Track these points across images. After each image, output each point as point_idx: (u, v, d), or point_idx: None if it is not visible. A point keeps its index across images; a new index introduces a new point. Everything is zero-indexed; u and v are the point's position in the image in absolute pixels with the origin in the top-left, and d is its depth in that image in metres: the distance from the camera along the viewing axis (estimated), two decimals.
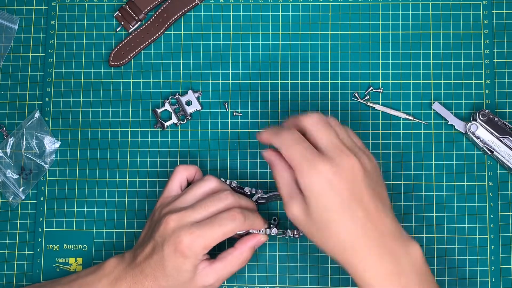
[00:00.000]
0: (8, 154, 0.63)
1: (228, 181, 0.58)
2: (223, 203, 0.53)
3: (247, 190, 0.58)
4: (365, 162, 0.48)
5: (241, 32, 0.64)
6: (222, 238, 0.52)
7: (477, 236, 0.59)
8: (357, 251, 0.47)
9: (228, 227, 0.52)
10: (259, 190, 0.58)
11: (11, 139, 0.63)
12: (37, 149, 0.63)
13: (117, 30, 0.65)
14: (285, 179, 0.49)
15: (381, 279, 0.46)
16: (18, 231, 0.62)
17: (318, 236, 0.48)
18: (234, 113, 0.63)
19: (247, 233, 0.55)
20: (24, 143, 0.63)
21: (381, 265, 0.46)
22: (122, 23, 0.65)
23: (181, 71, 0.64)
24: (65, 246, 0.62)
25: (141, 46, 0.64)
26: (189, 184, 0.58)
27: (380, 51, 0.63)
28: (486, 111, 0.59)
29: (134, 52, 0.64)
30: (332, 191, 0.46)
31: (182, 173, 0.57)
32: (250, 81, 0.63)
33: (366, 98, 0.62)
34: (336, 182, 0.46)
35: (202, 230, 0.51)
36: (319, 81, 0.63)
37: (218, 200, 0.53)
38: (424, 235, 0.60)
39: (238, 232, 0.53)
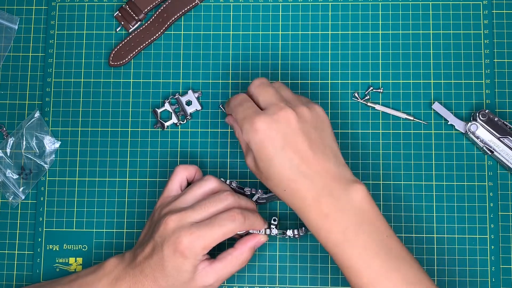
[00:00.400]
0: (8, 154, 0.63)
1: (228, 181, 0.58)
2: (223, 204, 0.53)
3: (247, 190, 0.58)
4: (302, 112, 0.51)
5: (241, 32, 0.64)
6: (222, 239, 0.52)
7: (477, 236, 0.59)
8: (297, 193, 0.50)
9: (228, 228, 0.52)
10: (259, 190, 0.58)
11: (11, 139, 0.63)
12: (37, 149, 0.63)
13: (117, 30, 0.65)
14: (241, 137, 0.54)
15: (321, 219, 0.49)
16: (18, 231, 0.62)
17: (268, 183, 0.52)
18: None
19: (247, 233, 0.55)
20: (24, 143, 0.63)
21: (319, 205, 0.49)
22: (122, 23, 0.65)
23: (181, 71, 0.64)
24: (65, 246, 0.62)
25: (141, 46, 0.64)
26: (189, 184, 0.58)
27: (380, 51, 0.63)
28: (486, 111, 0.59)
29: (134, 52, 0.64)
30: (268, 142, 0.50)
31: (182, 173, 0.57)
32: (250, 81, 0.63)
33: (366, 98, 0.62)
34: (271, 133, 0.50)
35: (202, 231, 0.51)
36: (319, 81, 0.63)
37: (218, 200, 0.53)
38: (424, 235, 0.60)
39: (238, 232, 0.53)
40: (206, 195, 0.55)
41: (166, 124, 0.62)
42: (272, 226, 0.57)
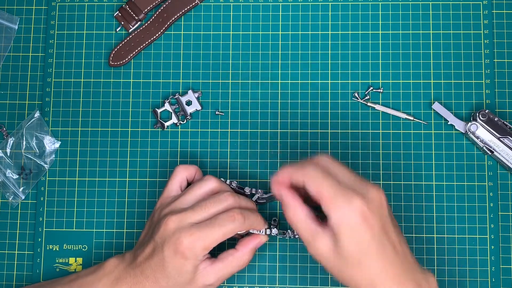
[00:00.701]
0: (8, 154, 0.63)
1: (228, 181, 0.58)
2: (223, 205, 0.53)
3: (247, 190, 0.58)
4: (383, 193, 0.47)
5: (241, 32, 0.64)
6: (222, 239, 0.52)
7: (477, 236, 0.59)
8: (385, 286, 0.46)
9: (228, 228, 0.52)
10: (259, 190, 0.58)
11: (11, 139, 0.63)
12: (37, 149, 0.63)
13: (117, 30, 0.65)
14: (301, 217, 0.48)
15: None
16: (18, 231, 0.62)
17: (347, 272, 0.46)
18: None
19: (248, 233, 0.55)
20: (24, 143, 0.63)
21: None
22: (122, 23, 0.65)
23: (181, 71, 0.64)
24: (65, 246, 0.62)
25: (141, 46, 0.64)
26: (189, 184, 0.58)
27: (380, 51, 0.63)
28: (486, 111, 0.59)
29: (134, 52, 0.64)
30: (366, 225, 0.45)
31: (182, 173, 0.57)
32: (250, 81, 0.63)
33: (366, 98, 0.62)
34: (368, 215, 0.45)
35: (202, 232, 0.51)
36: (319, 81, 0.63)
37: (218, 201, 0.53)
38: (424, 235, 0.60)
39: (239, 232, 0.53)
40: (206, 195, 0.55)
41: (166, 124, 0.62)
42: (272, 226, 0.57)
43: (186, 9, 0.64)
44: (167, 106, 0.62)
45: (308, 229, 0.47)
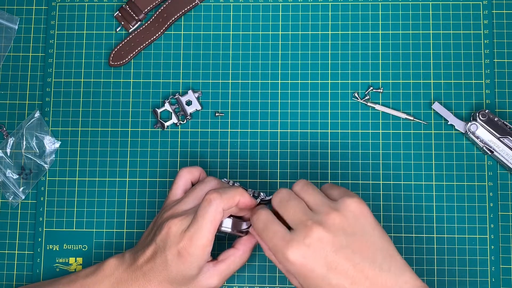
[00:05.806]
0: (8, 154, 0.63)
1: (230, 182, 0.57)
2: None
3: (249, 192, 0.58)
4: (333, 221, 0.46)
5: (241, 32, 0.64)
6: (214, 228, 0.50)
7: (477, 236, 0.59)
8: None
9: (210, 213, 0.50)
10: (262, 194, 0.58)
11: (11, 139, 0.63)
12: (37, 149, 0.63)
13: (117, 30, 0.65)
14: (273, 258, 0.51)
15: None
16: (18, 231, 0.62)
17: None
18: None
19: (248, 231, 0.55)
20: (24, 143, 0.63)
21: None
22: (122, 23, 0.65)
23: (181, 71, 0.64)
24: (65, 246, 0.62)
25: (141, 46, 0.64)
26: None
27: (380, 51, 0.63)
28: (486, 111, 0.59)
29: (134, 52, 0.64)
30: (309, 271, 0.45)
31: (186, 176, 0.56)
32: (250, 81, 0.63)
33: (366, 98, 0.62)
34: (308, 262, 0.45)
35: (191, 231, 0.50)
36: (319, 81, 0.63)
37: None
38: (424, 235, 0.60)
39: (242, 229, 0.53)
40: None
41: (166, 124, 0.62)
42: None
43: (186, 9, 0.64)
44: (167, 106, 0.62)
45: (282, 267, 0.51)
